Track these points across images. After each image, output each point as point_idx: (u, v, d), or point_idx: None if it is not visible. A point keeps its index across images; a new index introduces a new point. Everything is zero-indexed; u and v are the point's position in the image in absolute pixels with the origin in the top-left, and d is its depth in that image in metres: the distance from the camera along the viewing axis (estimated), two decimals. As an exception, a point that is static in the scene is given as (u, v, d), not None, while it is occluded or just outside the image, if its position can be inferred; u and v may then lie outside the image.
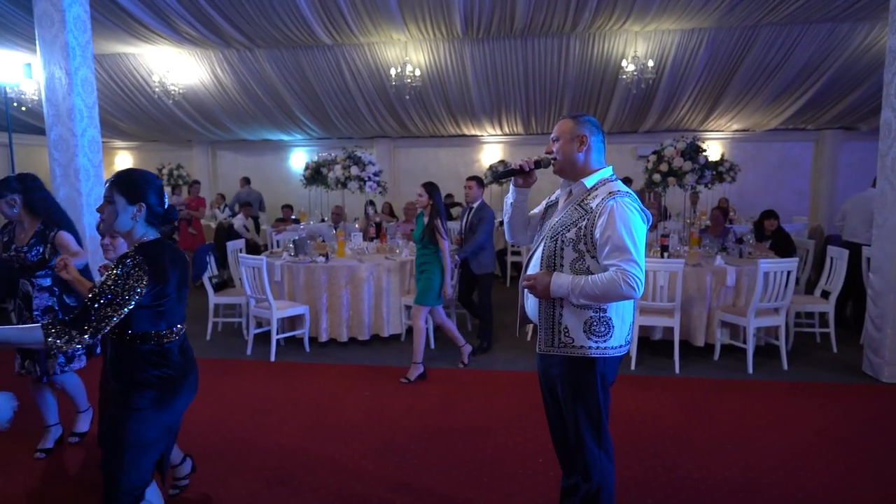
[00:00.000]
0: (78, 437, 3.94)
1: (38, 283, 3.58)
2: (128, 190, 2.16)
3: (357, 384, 5.04)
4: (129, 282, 2.02)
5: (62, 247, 3.51)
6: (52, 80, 5.74)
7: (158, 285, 2.09)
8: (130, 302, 2.02)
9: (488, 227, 5.75)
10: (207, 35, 9.35)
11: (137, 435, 2.14)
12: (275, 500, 3.22)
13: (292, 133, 13.25)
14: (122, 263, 2.05)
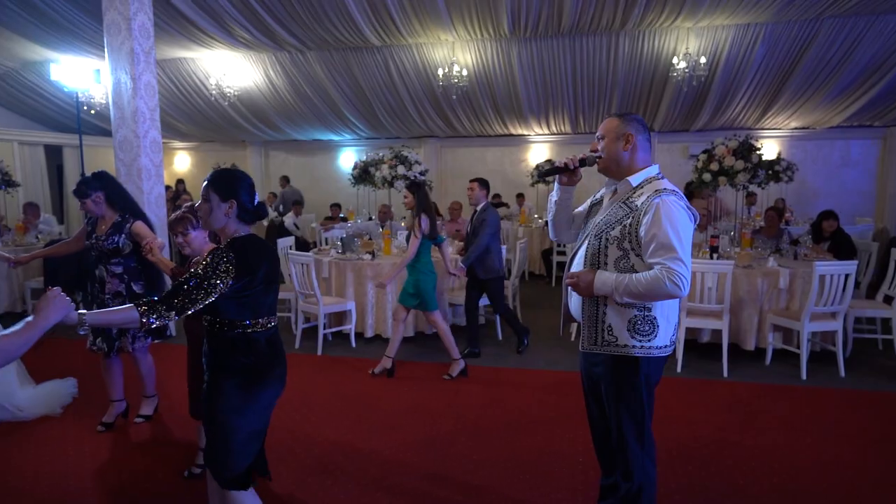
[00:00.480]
0: (143, 419, 4.21)
1: (111, 269, 3.86)
2: (221, 188, 2.28)
3: (401, 379, 5.14)
4: (218, 272, 2.13)
5: (139, 235, 3.77)
6: (118, 85, 6.06)
7: (245, 278, 2.18)
8: (216, 290, 2.13)
9: (490, 229, 5.57)
10: (261, 38, 9.66)
11: (225, 418, 2.26)
12: (320, 488, 3.34)
13: (341, 133, 13.52)
14: (213, 254, 2.19)
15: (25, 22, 8.83)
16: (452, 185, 13.53)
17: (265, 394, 2.33)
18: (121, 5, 5.86)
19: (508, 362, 5.55)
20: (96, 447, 3.86)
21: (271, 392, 2.36)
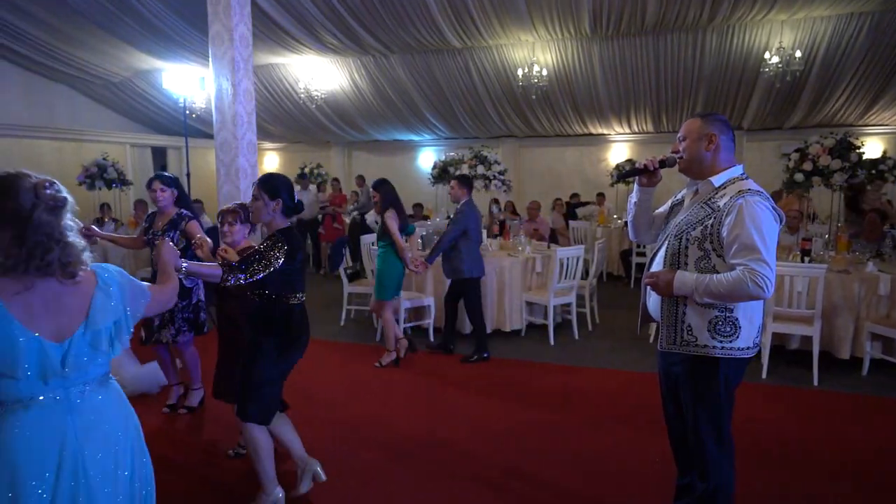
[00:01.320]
0: (187, 410, 4.43)
1: None
2: (270, 189, 2.84)
3: (477, 374, 5.27)
4: (273, 252, 2.70)
5: (191, 233, 4.13)
6: (220, 91, 6.54)
7: (291, 260, 2.76)
8: (271, 266, 2.68)
9: (458, 227, 5.33)
10: (348, 44, 10.08)
11: (264, 373, 2.85)
12: (398, 471, 3.53)
13: (421, 133, 13.83)
14: (270, 239, 2.75)
15: (138, 34, 9.65)
16: (531, 184, 13.54)
17: (295, 354, 2.96)
18: (224, 17, 6.33)
19: (584, 361, 5.56)
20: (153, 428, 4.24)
21: (298, 353, 2.98)
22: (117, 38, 9.93)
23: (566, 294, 6.22)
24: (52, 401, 1.61)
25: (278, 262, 2.70)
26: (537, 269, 6.51)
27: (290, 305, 2.89)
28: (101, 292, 1.71)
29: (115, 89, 12.39)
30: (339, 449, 3.78)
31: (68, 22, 9.37)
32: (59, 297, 1.62)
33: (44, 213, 1.59)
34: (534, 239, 7.54)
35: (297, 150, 15.76)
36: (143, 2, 8.54)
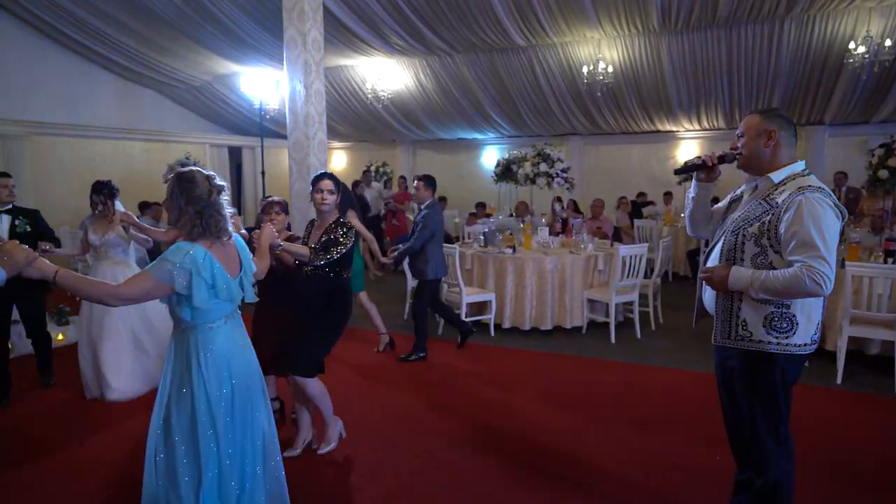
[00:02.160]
0: None
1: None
2: (338, 184, 3.61)
3: (537, 369, 5.32)
4: (344, 237, 3.44)
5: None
6: (293, 93, 6.87)
7: (351, 242, 3.48)
8: (344, 248, 3.42)
9: (427, 233, 5.41)
10: (413, 44, 10.29)
11: (323, 336, 3.53)
12: (455, 457, 3.65)
13: (485, 132, 13.90)
14: (339, 226, 3.47)
15: (218, 40, 10.21)
16: (596, 182, 13.36)
17: (344, 321, 3.63)
18: (298, 22, 6.64)
19: (646, 359, 5.50)
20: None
21: (346, 322, 3.65)
22: (200, 45, 10.54)
23: (629, 292, 6.17)
24: (233, 316, 2.41)
25: (348, 244, 3.42)
26: (599, 267, 6.48)
27: (343, 280, 3.57)
28: (242, 251, 2.48)
29: (197, 93, 13.13)
30: (400, 434, 3.94)
31: (157, 31, 10.03)
32: (223, 251, 2.33)
33: (216, 196, 2.27)
34: (597, 237, 7.49)
35: (364, 148, 16.18)
36: (223, 10, 9.04)
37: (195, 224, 2.22)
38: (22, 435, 4.06)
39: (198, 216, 2.21)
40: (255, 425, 2.41)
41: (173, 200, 2.26)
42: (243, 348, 2.43)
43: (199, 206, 2.21)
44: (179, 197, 2.23)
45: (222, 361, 2.29)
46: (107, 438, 3.98)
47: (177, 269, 2.13)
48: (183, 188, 2.23)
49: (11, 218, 4.60)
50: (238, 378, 2.34)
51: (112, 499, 3.24)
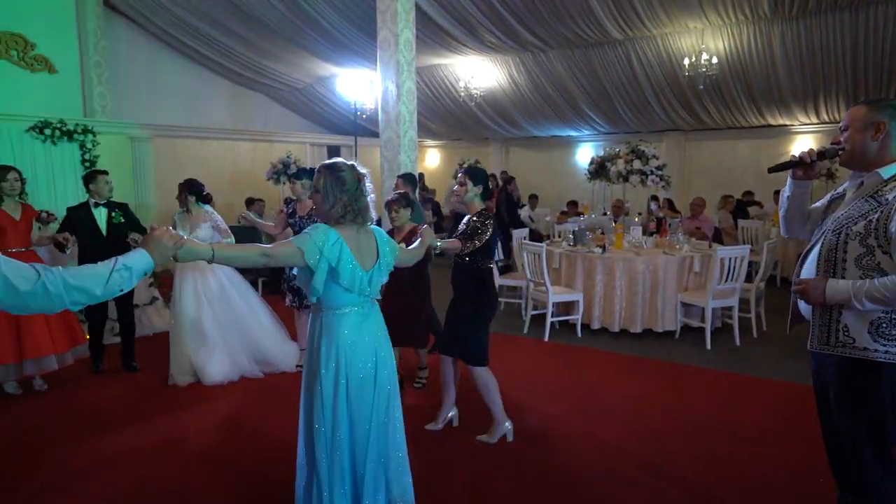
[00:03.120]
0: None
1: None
2: (475, 177, 3.69)
3: (624, 372, 5.16)
4: (486, 226, 3.59)
5: None
6: (386, 93, 7.07)
7: (492, 231, 3.60)
8: (485, 236, 3.56)
9: None
10: (507, 42, 10.26)
11: (478, 323, 3.70)
12: (537, 455, 3.62)
13: (580, 128, 13.62)
14: (480, 215, 3.62)
15: (318, 44, 10.70)
16: (698, 180, 12.72)
17: (492, 307, 3.77)
18: (391, 24, 6.83)
19: (745, 368, 5.17)
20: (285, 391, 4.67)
21: (494, 307, 3.81)
22: (302, 49, 11.10)
23: (727, 296, 5.83)
24: (361, 307, 2.45)
25: (489, 232, 3.58)
26: (695, 269, 6.17)
27: (487, 268, 3.70)
28: (381, 241, 2.54)
29: (300, 95, 13.83)
30: (481, 430, 3.96)
31: (265, 38, 10.67)
32: (360, 241, 2.44)
33: (363, 184, 2.44)
34: (695, 237, 7.13)
35: (457, 146, 16.34)
36: (322, 14, 9.46)
37: (347, 210, 2.37)
38: (114, 413, 4.48)
39: (351, 202, 2.37)
40: (374, 417, 2.43)
41: (325, 190, 2.38)
42: (370, 341, 2.45)
43: (348, 193, 2.37)
44: (334, 186, 2.37)
45: (343, 349, 2.37)
46: (197, 417, 4.30)
47: (311, 243, 2.27)
48: (334, 177, 2.38)
49: (108, 210, 5.08)
50: (357, 368, 2.39)
51: (210, 475, 3.51)
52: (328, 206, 2.38)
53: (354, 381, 2.39)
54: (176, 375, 4.89)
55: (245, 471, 3.49)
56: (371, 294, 2.48)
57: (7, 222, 4.57)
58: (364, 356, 2.41)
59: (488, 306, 3.74)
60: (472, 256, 3.61)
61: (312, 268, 2.28)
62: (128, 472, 3.50)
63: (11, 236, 4.56)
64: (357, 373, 2.39)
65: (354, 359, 2.39)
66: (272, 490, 3.26)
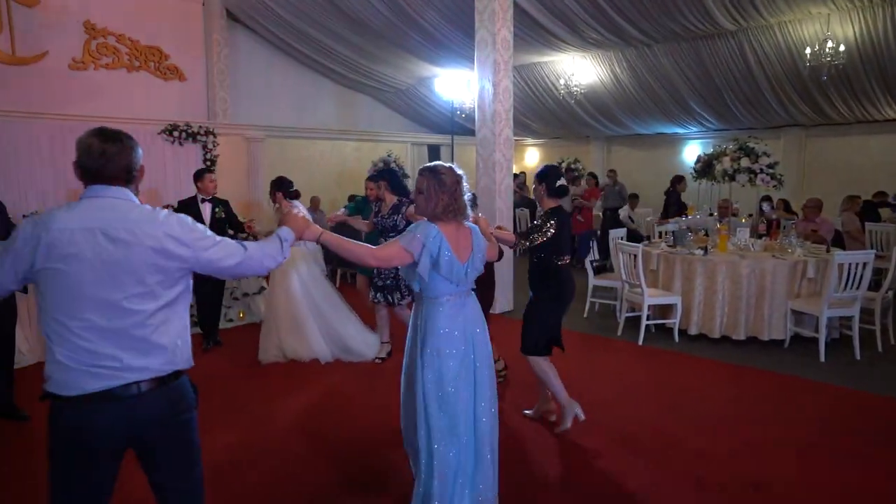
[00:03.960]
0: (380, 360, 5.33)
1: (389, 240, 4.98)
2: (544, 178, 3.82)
3: (723, 381, 4.89)
4: (548, 224, 3.68)
5: (412, 216, 4.73)
6: (482, 92, 7.13)
7: (559, 231, 3.68)
8: (547, 234, 3.66)
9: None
10: (610, 37, 9.98)
11: (538, 317, 3.86)
12: (619, 454, 3.57)
13: (687, 126, 12.98)
14: (544, 215, 3.74)
15: (420, 45, 10.97)
16: (819, 179, 11.72)
17: (563, 304, 3.91)
18: (489, 23, 6.87)
19: (863, 384, 4.73)
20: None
21: (565, 304, 3.92)
22: (404, 51, 11.42)
23: (847, 305, 5.36)
24: (458, 297, 2.67)
25: (552, 231, 3.65)
26: (809, 275, 5.72)
27: (557, 265, 3.78)
28: (476, 236, 2.73)
29: (403, 95, 14.24)
30: (564, 432, 3.93)
31: (370, 42, 11.10)
32: (459, 236, 2.65)
33: (461, 185, 2.68)
34: (811, 241, 6.59)
35: (557, 145, 16.11)
36: (423, 15, 9.69)
37: (447, 208, 2.60)
38: (213, 388, 4.85)
39: (450, 201, 2.61)
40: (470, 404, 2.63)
41: (427, 191, 2.63)
42: (467, 329, 2.65)
43: (448, 193, 2.61)
44: (435, 187, 2.61)
45: (442, 335, 2.60)
46: (288, 395, 4.58)
47: (416, 240, 2.54)
48: (436, 180, 2.63)
49: (212, 205, 5.57)
50: (452, 355, 2.59)
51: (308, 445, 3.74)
52: (431, 205, 2.62)
53: (452, 368, 2.59)
54: (266, 355, 5.34)
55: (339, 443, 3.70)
56: (467, 284, 2.69)
57: None
58: (459, 343, 2.61)
59: (564, 302, 3.90)
60: (542, 254, 3.75)
61: (417, 260, 2.54)
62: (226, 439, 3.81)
63: None
64: (453, 360, 2.59)
65: (451, 346, 2.59)
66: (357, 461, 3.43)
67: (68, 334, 1.81)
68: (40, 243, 1.80)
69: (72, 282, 1.80)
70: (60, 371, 1.81)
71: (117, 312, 1.83)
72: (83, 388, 1.81)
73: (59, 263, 1.80)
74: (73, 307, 1.81)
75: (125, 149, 1.92)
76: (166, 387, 1.92)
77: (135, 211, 1.89)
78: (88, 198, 1.89)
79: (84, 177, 1.91)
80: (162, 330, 1.89)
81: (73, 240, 1.80)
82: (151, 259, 1.85)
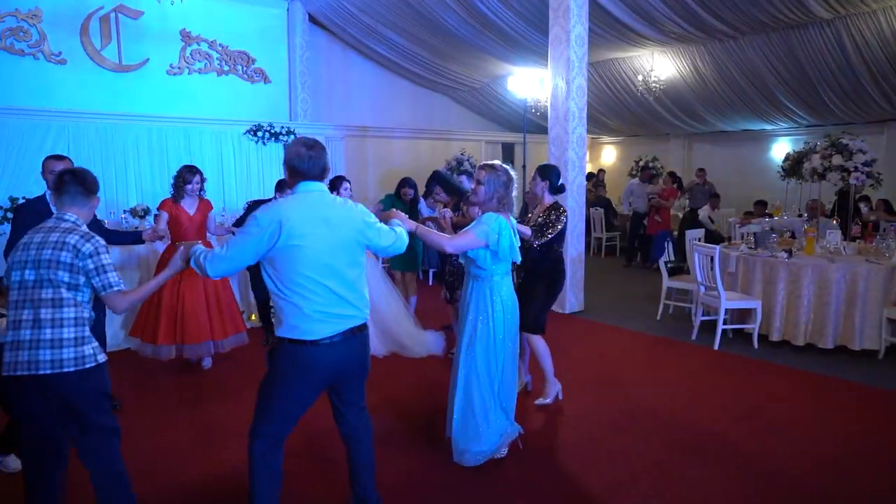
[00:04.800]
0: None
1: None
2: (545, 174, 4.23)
3: (804, 391, 4.64)
4: (559, 218, 4.06)
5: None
6: (556, 90, 7.07)
7: (565, 224, 4.09)
8: (556, 229, 4.03)
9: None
10: (692, 31, 9.61)
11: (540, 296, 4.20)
12: (682, 467, 3.46)
13: (775, 121, 12.28)
14: (550, 209, 4.10)
15: (495, 44, 10.98)
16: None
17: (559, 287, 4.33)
18: (563, 21, 6.81)
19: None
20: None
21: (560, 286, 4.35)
22: (479, 50, 11.47)
23: (950, 315, 4.94)
24: (508, 274, 3.42)
25: (561, 225, 4.04)
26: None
27: (559, 252, 4.23)
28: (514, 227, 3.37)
29: (477, 94, 14.29)
30: (620, 440, 3.86)
31: (445, 42, 11.23)
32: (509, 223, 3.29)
33: (512, 183, 3.32)
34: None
35: (634, 143, 15.67)
36: (499, 15, 9.69)
37: (500, 202, 3.24)
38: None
39: (503, 195, 3.26)
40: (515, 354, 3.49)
41: (487, 184, 3.26)
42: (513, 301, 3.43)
43: (503, 188, 3.26)
44: (493, 182, 3.26)
45: (506, 303, 3.35)
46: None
47: (490, 230, 3.17)
48: (494, 175, 3.28)
49: None
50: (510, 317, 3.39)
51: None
52: (487, 196, 3.25)
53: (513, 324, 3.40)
54: None
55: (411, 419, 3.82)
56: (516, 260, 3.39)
57: (183, 217, 4.96)
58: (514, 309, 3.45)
59: (559, 284, 4.33)
60: (547, 244, 4.09)
61: (492, 246, 3.18)
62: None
63: (187, 229, 4.95)
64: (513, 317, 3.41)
65: (513, 306, 3.42)
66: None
67: (309, 294, 2.43)
68: (282, 228, 2.36)
69: (307, 255, 2.41)
70: (306, 321, 2.44)
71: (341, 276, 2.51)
72: (321, 333, 2.46)
73: (297, 241, 2.39)
74: (314, 273, 2.43)
75: (322, 154, 2.54)
76: (362, 333, 2.63)
77: (337, 201, 2.57)
78: (302, 192, 2.51)
79: (293, 175, 2.52)
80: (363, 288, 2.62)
81: (305, 224, 2.40)
82: (354, 238, 2.55)
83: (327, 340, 2.46)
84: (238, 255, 2.42)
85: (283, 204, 2.45)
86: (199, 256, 2.48)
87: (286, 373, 2.50)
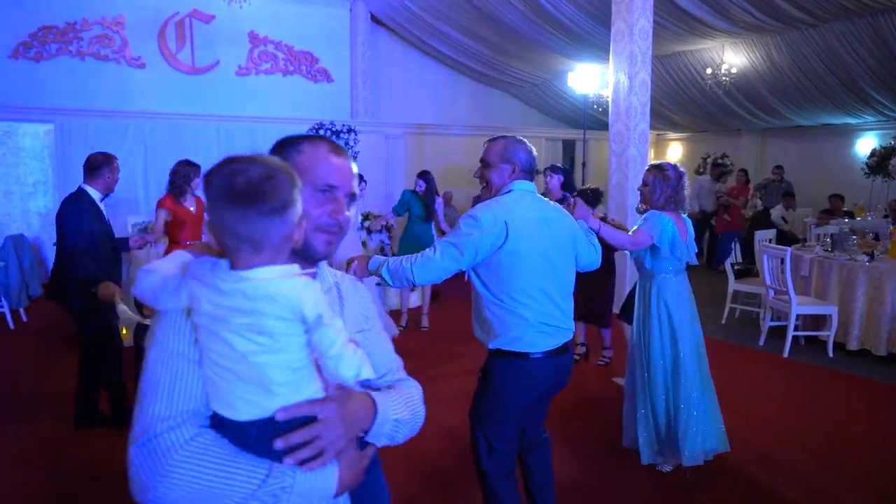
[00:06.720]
0: None
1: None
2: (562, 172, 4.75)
3: (883, 404, 4.33)
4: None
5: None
6: (617, 85, 6.89)
7: None
8: None
9: None
10: (765, 20, 9.12)
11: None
12: (752, 477, 3.30)
13: (860, 115, 11.50)
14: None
15: (556, 39, 10.80)
16: None
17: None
18: (626, 14, 6.61)
19: None
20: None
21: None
22: (540, 46, 11.31)
23: None
24: (680, 272, 3.31)
25: None
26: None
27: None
28: (689, 224, 3.32)
29: (538, 90, 14.11)
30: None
31: (506, 38, 11.14)
32: (680, 221, 3.24)
33: (683, 180, 3.25)
34: None
35: (702, 139, 15.06)
36: (561, 10, 9.52)
37: (669, 200, 3.16)
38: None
39: (673, 194, 3.17)
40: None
41: (653, 184, 3.21)
42: (685, 298, 3.28)
43: (671, 187, 3.17)
44: (660, 182, 3.18)
45: (670, 303, 3.22)
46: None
47: (662, 227, 3.12)
48: (661, 175, 3.19)
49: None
50: (680, 316, 3.22)
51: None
52: (655, 196, 3.19)
53: (682, 320, 3.23)
54: None
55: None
56: (690, 261, 3.31)
57: (186, 215, 4.71)
58: (684, 310, 3.25)
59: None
60: None
61: (658, 244, 3.12)
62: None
63: (188, 228, 4.69)
64: (685, 312, 3.25)
65: (682, 305, 3.25)
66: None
67: (533, 302, 2.29)
68: (508, 230, 2.24)
69: (533, 259, 2.29)
70: (530, 331, 2.28)
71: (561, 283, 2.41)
72: (545, 346, 2.31)
73: (522, 243, 2.26)
74: (538, 279, 2.30)
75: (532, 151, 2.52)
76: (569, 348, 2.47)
77: (550, 203, 2.49)
78: (520, 191, 2.37)
79: (518, 172, 2.40)
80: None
81: (528, 226, 2.28)
82: (571, 242, 2.45)
83: (549, 354, 2.31)
84: (455, 260, 2.24)
85: (505, 204, 2.30)
86: (398, 262, 2.26)
87: (505, 387, 2.31)
